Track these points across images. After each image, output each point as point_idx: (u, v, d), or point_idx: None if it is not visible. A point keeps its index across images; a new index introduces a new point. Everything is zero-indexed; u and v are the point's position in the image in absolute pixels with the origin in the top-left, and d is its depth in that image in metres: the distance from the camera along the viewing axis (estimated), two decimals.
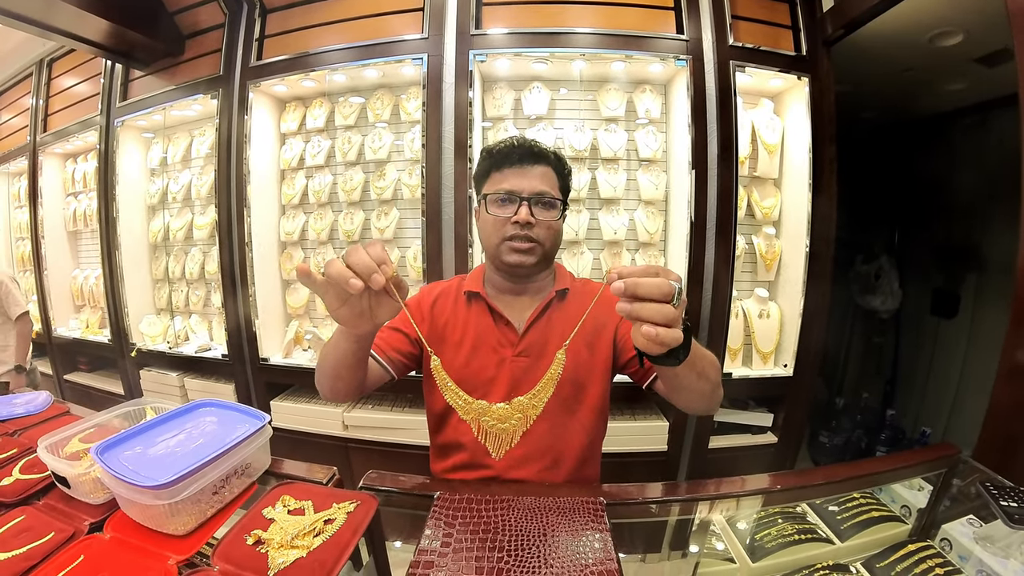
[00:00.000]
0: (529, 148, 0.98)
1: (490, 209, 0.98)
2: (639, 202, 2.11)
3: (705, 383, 0.80)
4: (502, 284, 1.05)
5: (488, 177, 1.00)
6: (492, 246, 1.00)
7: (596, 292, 1.04)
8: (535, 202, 0.95)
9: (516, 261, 0.97)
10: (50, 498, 0.75)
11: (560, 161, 1.01)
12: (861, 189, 2.68)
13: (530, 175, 0.96)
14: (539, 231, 0.96)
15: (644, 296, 0.54)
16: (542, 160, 0.98)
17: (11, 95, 3.40)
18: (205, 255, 2.62)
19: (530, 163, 0.97)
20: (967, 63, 2.20)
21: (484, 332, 1.02)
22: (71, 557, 0.61)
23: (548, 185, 0.97)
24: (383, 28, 2.05)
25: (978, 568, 0.74)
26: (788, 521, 0.87)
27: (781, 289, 2.17)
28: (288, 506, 0.69)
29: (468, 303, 1.06)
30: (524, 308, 1.03)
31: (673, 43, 1.92)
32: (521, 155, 0.97)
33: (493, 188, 0.98)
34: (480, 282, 1.06)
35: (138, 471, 0.66)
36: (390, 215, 2.19)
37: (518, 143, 0.99)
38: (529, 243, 0.96)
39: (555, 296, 1.04)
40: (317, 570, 0.57)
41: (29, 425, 1.02)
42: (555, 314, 1.03)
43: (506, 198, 0.96)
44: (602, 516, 0.73)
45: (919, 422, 2.95)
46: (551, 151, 1.01)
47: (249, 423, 0.79)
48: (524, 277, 1.03)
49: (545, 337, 1.00)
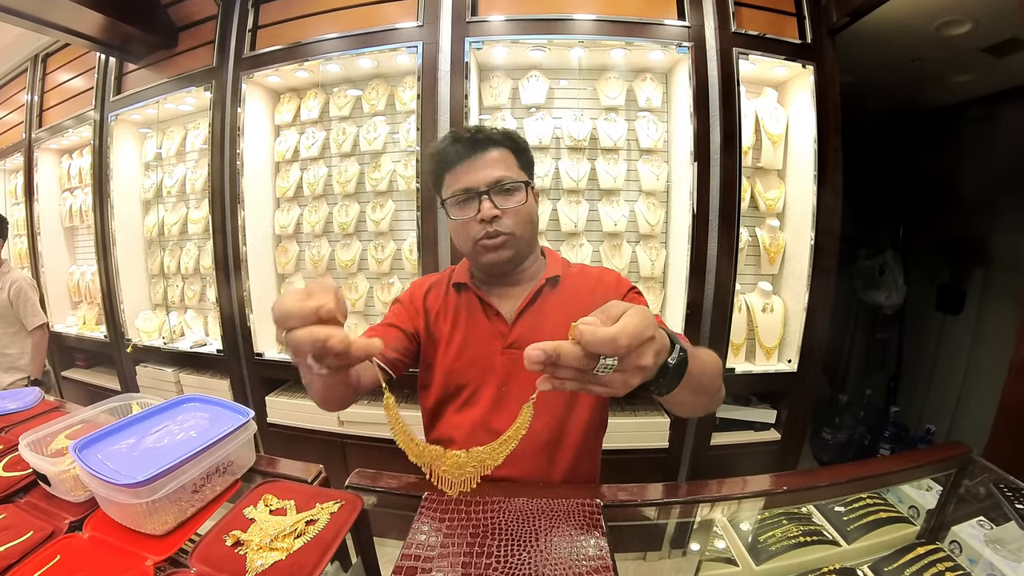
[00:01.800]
0: (473, 136, 0.92)
1: (452, 213, 0.93)
2: (640, 193, 2.07)
3: (701, 397, 0.74)
4: (487, 278, 1.02)
5: (443, 181, 0.95)
6: (467, 250, 0.95)
7: (592, 280, 1.02)
8: (495, 191, 0.90)
9: (491, 260, 0.93)
10: (32, 496, 0.74)
11: (512, 138, 0.95)
12: (866, 181, 2.63)
13: (481, 165, 0.90)
14: (507, 221, 0.91)
15: (564, 366, 0.46)
16: (490, 144, 0.92)
17: (6, 91, 3.40)
18: (200, 249, 2.59)
19: (479, 151, 0.91)
20: (975, 53, 2.16)
21: (474, 324, 0.98)
22: (47, 557, 0.60)
23: (504, 169, 0.91)
24: (377, 16, 2.01)
25: (988, 572, 0.72)
26: (793, 522, 0.85)
27: (785, 283, 2.14)
28: (270, 506, 0.67)
29: (458, 294, 1.02)
30: (514, 299, 0.99)
31: (674, 30, 1.88)
32: (466, 145, 0.91)
33: (450, 191, 0.93)
34: (467, 273, 1.03)
35: (118, 468, 0.65)
36: (386, 207, 2.16)
37: (459, 136, 0.93)
38: (500, 237, 0.91)
39: (545, 284, 0.99)
40: (296, 573, 0.55)
41: (17, 422, 1.01)
42: (546, 303, 0.98)
43: (464, 197, 0.91)
44: (598, 519, 0.70)
45: (923, 419, 2.92)
46: (498, 131, 0.94)
47: (233, 419, 0.77)
48: (506, 273, 0.99)
49: (536, 327, 0.96)
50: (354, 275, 2.26)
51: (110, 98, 2.61)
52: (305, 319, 0.48)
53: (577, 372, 0.47)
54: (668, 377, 0.55)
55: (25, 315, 2.44)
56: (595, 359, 0.45)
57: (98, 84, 2.66)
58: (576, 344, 0.45)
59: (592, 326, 0.45)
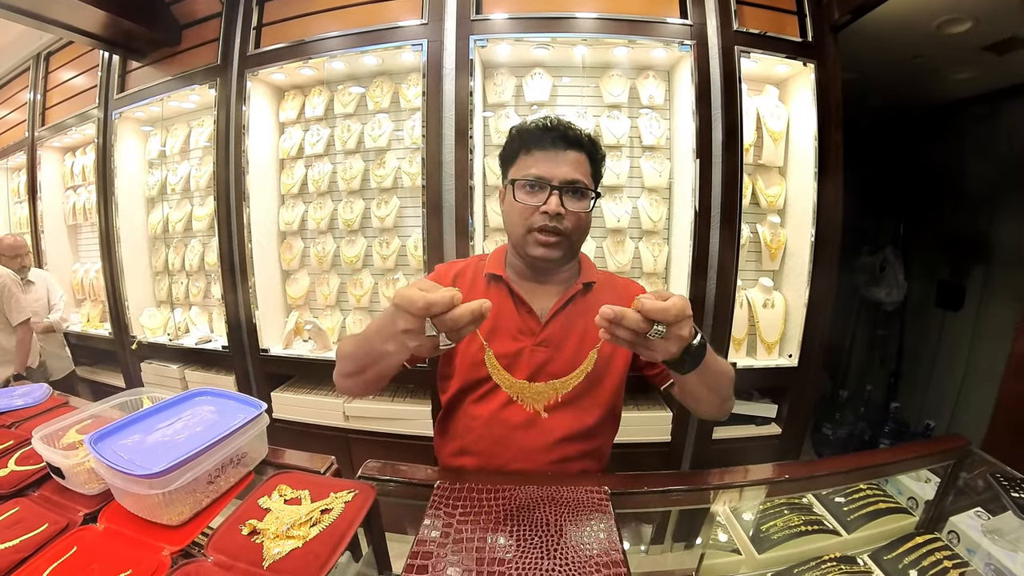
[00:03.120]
0: (564, 131, 0.92)
1: (518, 196, 0.92)
2: (642, 189, 2.08)
3: (715, 396, 0.85)
4: (525, 271, 1.02)
5: (516, 159, 0.95)
6: (518, 235, 0.95)
7: (619, 289, 1.06)
8: (566, 191, 0.90)
9: (542, 255, 0.93)
10: (45, 489, 0.75)
11: (595, 146, 0.95)
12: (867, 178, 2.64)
13: (562, 161, 0.90)
14: (568, 223, 0.90)
15: (625, 327, 0.61)
16: (576, 145, 0.92)
17: (9, 90, 3.40)
18: (205, 246, 2.61)
19: (563, 147, 0.91)
20: (976, 51, 2.16)
21: (505, 317, 0.98)
22: (64, 548, 0.60)
23: (581, 173, 0.91)
24: (382, 14, 2.02)
25: (986, 561, 0.73)
26: (794, 512, 0.87)
27: (786, 279, 2.15)
28: (285, 495, 0.68)
29: (488, 285, 1.01)
30: (548, 297, 0.99)
31: (677, 28, 1.89)
32: (554, 138, 0.91)
33: (522, 173, 0.92)
34: (502, 265, 1.03)
35: (133, 460, 0.66)
36: (390, 203, 2.17)
37: (551, 124, 0.92)
38: (556, 236, 0.91)
39: (581, 289, 1.00)
40: (312, 561, 0.56)
41: (27, 417, 1.02)
42: (577, 307, 0.99)
43: (535, 184, 0.91)
44: (607, 505, 0.72)
45: (923, 415, 2.93)
46: (586, 135, 0.94)
47: (245, 411, 0.78)
48: (548, 271, 1.00)
49: (566, 329, 0.97)
50: (359, 271, 2.27)
51: (114, 96, 2.62)
52: (448, 305, 0.59)
53: (632, 334, 0.60)
54: (691, 356, 0.66)
55: (9, 311, 2.48)
56: (650, 325, 0.60)
57: (102, 82, 2.66)
58: (637, 312, 0.59)
59: (650, 299, 0.59)
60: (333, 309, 2.36)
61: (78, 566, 0.58)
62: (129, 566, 0.57)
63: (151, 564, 0.58)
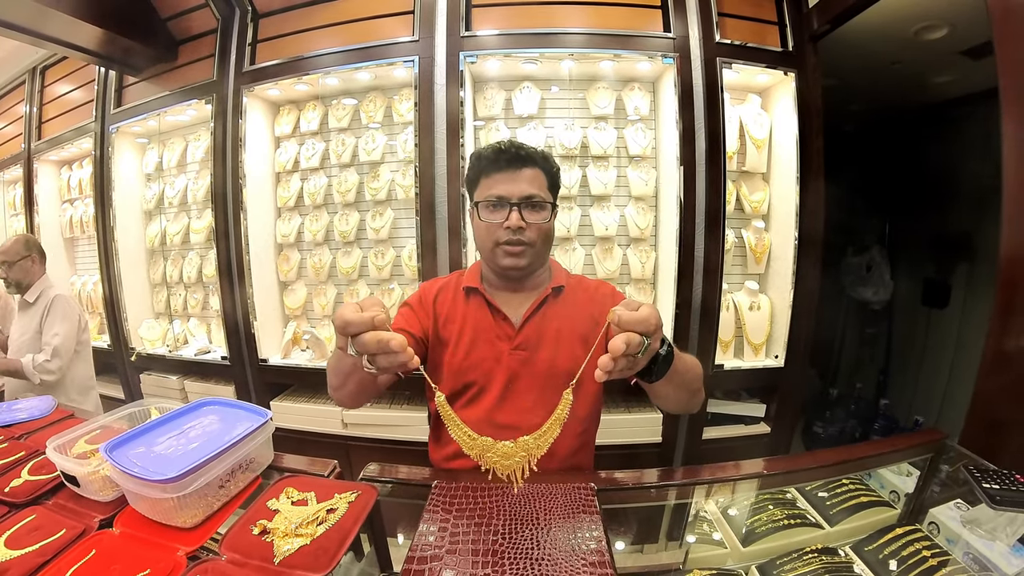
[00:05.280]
0: (516, 151, 1.00)
1: (482, 215, 1.01)
2: (630, 198, 2.13)
3: (683, 392, 0.90)
4: (497, 282, 1.09)
5: (479, 183, 1.03)
6: (487, 250, 1.03)
7: (590, 291, 1.11)
8: (524, 205, 0.98)
9: (510, 264, 1.01)
10: (59, 497, 0.78)
11: (547, 161, 1.04)
12: (851, 181, 2.70)
13: (518, 179, 0.99)
14: (530, 233, 0.99)
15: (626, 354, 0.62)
16: (529, 163, 1.00)
17: (4, 103, 3.40)
18: (202, 258, 2.63)
19: (518, 166, 0.99)
20: (953, 56, 2.22)
21: (482, 326, 1.05)
22: (83, 551, 0.63)
23: (536, 187, 1.00)
24: (375, 31, 2.06)
25: (965, 551, 0.76)
26: (778, 507, 0.89)
27: (771, 282, 2.20)
28: (292, 497, 0.72)
29: (467, 298, 1.09)
30: (521, 303, 1.07)
31: (660, 41, 1.95)
32: (508, 159, 0.99)
33: (483, 195, 1.01)
34: (478, 278, 1.10)
35: (146, 467, 0.68)
36: (385, 215, 2.21)
37: (504, 147, 1.01)
38: (521, 246, 0.99)
39: (551, 293, 1.07)
40: (321, 556, 0.60)
41: (36, 429, 1.05)
42: (550, 310, 1.06)
43: (496, 203, 0.99)
44: (592, 501, 0.77)
45: (912, 411, 2.97)
46: (538, 152, 1.03)
47: (252, 420, 0.82)
48: (518, 279, 1.07)
49: (540, 331, 1.04)
50: (355, 282, 2.31)
51: (110, 110, 2.64)
52: (363, 326, 0.59)
53: (629, 359, 0.62)
54: (659, 365, 0.71)
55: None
56: (643, 340, 0.61)
57: (98, 96, 2.68)
58: (630, 333, 0.60)
59: (625, 311, 0.61)
60: (330, 319, 2.38)
61: (99, 567, 0.61)
62: (147, 566, 0.60)
63: (168, 564, 0.61)
